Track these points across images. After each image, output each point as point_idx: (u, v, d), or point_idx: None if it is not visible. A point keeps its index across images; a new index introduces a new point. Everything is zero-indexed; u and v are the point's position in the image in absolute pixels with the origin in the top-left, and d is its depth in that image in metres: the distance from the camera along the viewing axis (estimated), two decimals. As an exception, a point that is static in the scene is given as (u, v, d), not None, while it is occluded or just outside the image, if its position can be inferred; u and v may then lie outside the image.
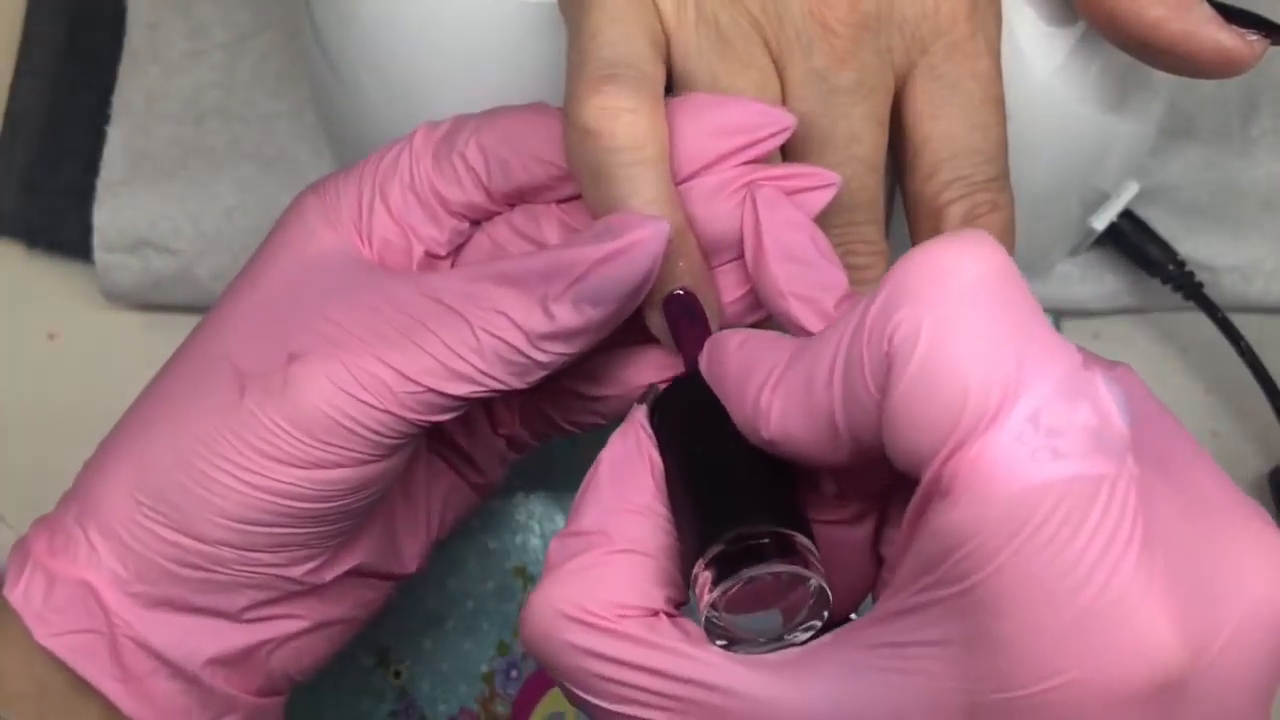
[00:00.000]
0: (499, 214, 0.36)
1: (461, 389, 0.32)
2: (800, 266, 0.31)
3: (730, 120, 0.33)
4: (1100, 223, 0.47)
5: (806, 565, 0.28)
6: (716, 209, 0.33)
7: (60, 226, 0.52)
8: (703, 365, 0.31)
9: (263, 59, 0.53)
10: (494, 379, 0.32)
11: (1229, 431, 0.50)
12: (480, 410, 0.39)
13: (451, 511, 0.40)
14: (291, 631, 0.36)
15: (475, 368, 0.32)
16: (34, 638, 0.34)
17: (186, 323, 0.52)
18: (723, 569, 0.28)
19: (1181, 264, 0.49)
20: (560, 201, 0.35)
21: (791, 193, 0.32)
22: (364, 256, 0.36)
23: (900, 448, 0.25)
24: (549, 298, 0.32)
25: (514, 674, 0.48)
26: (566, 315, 0.32)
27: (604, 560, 0.29)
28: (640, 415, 0.32)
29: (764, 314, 0.33)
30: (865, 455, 0.27)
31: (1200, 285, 0.49)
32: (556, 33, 0.39)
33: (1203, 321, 0.48)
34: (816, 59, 0.34)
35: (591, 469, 0.31)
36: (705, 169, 0.33)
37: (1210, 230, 0.50)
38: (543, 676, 0.48)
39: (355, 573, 0.36)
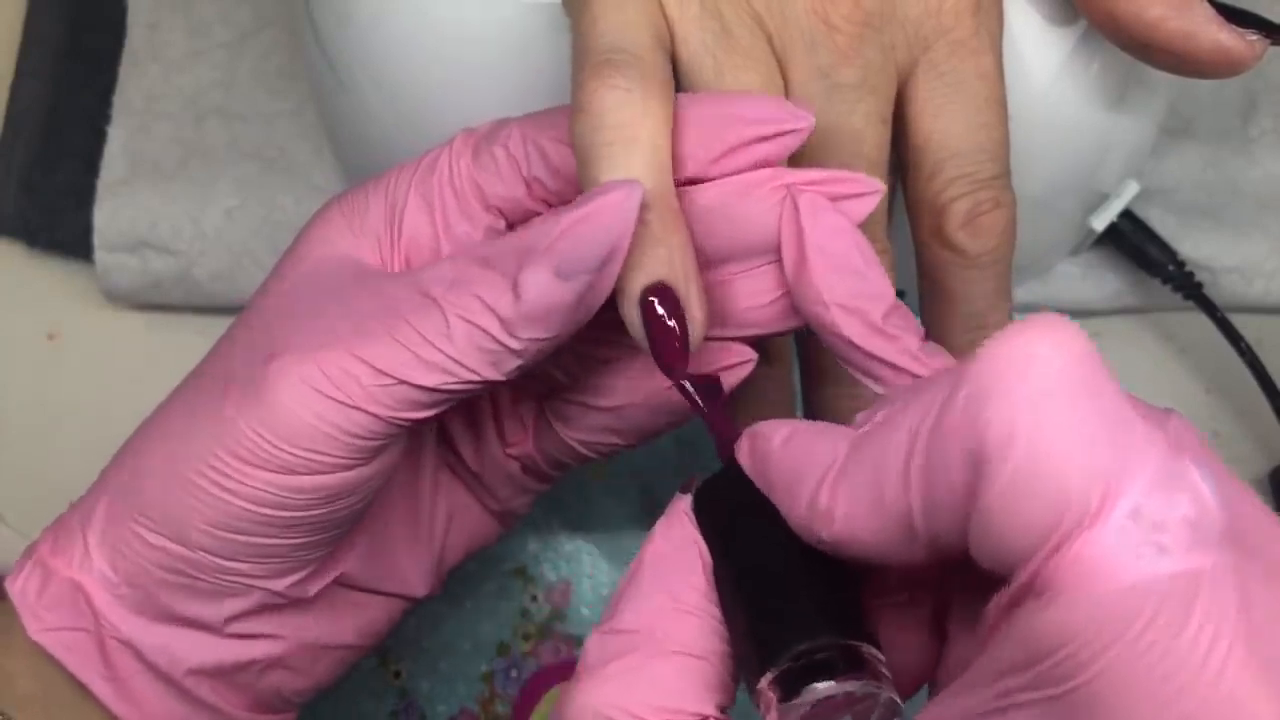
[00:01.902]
0: (537, 215, 0.35)
1: (432, 379, 0.31)
2: (845, 276, 0.30)
3: (744, 113, 0.31)
4: (1100, 223, 0.47)
5: (876, 678, 0.26)
6: (748, 210, 0.31)
7: (60, 226, 0.52)
8: (744, 461, 0.29)
9: (263, 59, 0.53)
10: (466, 368, 0.31)
11: (1229, 431, 0.50)
12: (491, 427, 0.38)
13: (461, 533, 0.39)
14: (280, 652, 0.35)
15: (447, 355, 0.31)
16: (27, 633, 0.34)
17: (186, 323, 0.53)
18: (788, 688, 0.26)
19: (1181, 264, 0.49)
20: None
21: (833, 199, 0.31)
22: (371, 264, 0.35)
23: (993, 548, 0.24)
24: (518, 275, 0.30)
25: (514, 674, 0.48)
26: (536, 292, 0.30)
27: (652, 662, 0.28)
28: (685, 506, 0.30)
29: (798, 322, 0.32)
30: (943, 554, 0.26)
31: (1200, 285, 0.49)
32: (555, 33, 0.39)
33: (1203, 321, 0.48)
34: (820, 56, 0.34)
35: (635, 561, 0.29)
36: (716, 162, 0.31)
37: (1210, 230, 0.50)
38: (543, 676, 0.48)
39: (344, 588, 0.36)
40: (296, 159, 0.51)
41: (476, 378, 0.31)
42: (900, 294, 0.37)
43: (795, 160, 0.34)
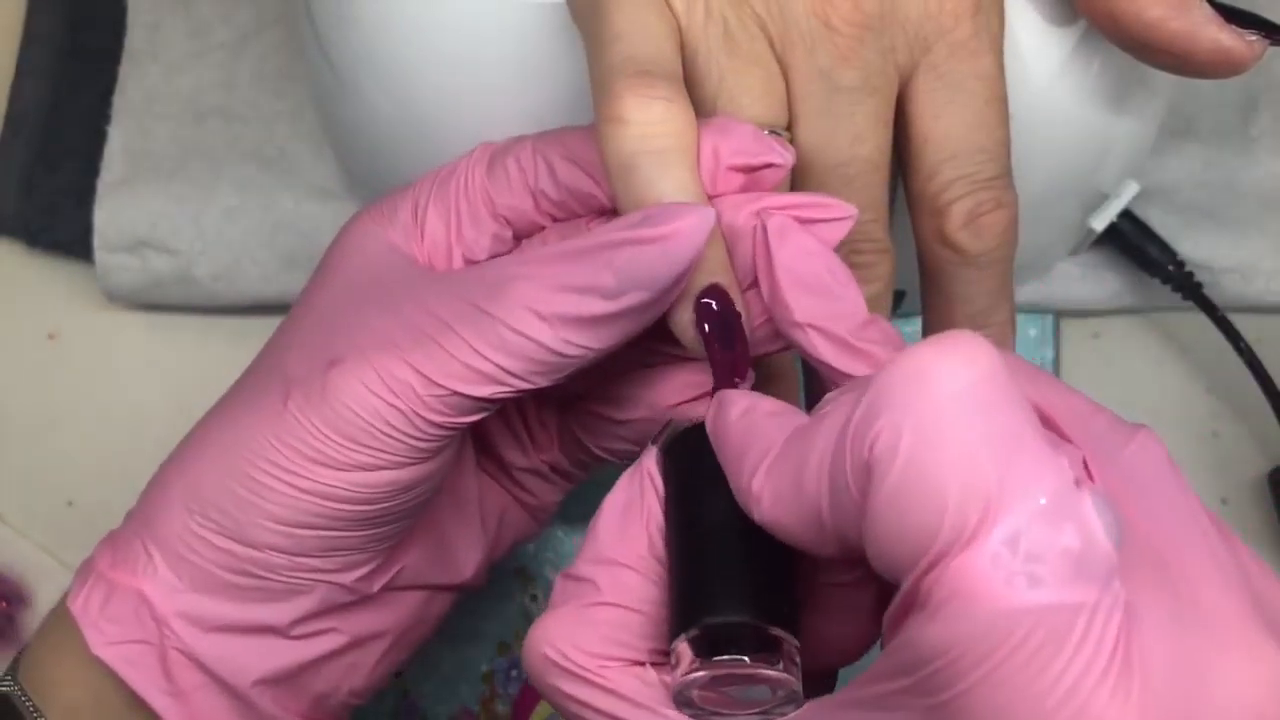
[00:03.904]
0: (543, 228, 0.36)
1: (485, 390, 0.32)
2: (814, 296, 0.30)
3: (731, 144, 0.32)
4: (1100, 223, 0.47)
5: (786, 665, 0.27)
6: (731, 235, 0.32)
7: (60, 226, 0.52)
8: (709, 426, 0.30)
9: (263, 59, 0.53)
10: (518, 377, 0.32)
11: (1229, 431, 0.50)
12: (523, 430, 0.39)
13: (509, 530, 0.40)
14: (339, 645, 0.36)
15: (499, 366, 0.32)
16: (89, 649, 0.34)
17: (186, 323, 0.53)
18: (699, 651, 0.28)
19: (1181, 264, 0.49)
20: (599, 216, 0.35)
21: (804, 223, 0.31)
22: (413, 258, 0.36)
23: (879, 555, 0.25)
24: (575, 286, 0.31)
25: (514, 674, 0.48)
26: (592, 304, 0.31)
27: (589, 611, 0.29)
28: (649, 461, 0.31)
29: (783, 344, 0.33)
30: (853, 552, 0.26)
31: (1200, 285, 0.49)
32: (556, 33, 0.39)
33: (1203, 321, 0.48)
34: (820, 58, 0.34)
35: (598, 511, 0.31)
36: (709, 193, 0.32)
37: (1210, 230, 0.50)
38: (543, 676, 0.48)
39: (404, 583, 0.37)
40: (296, 159, 0.51)
41: (528, 385, 0.32)
42: (900, 294, 0.37)
43: (797, 162, 0.34)
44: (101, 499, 0.38)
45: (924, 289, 0.37)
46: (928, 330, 0.38)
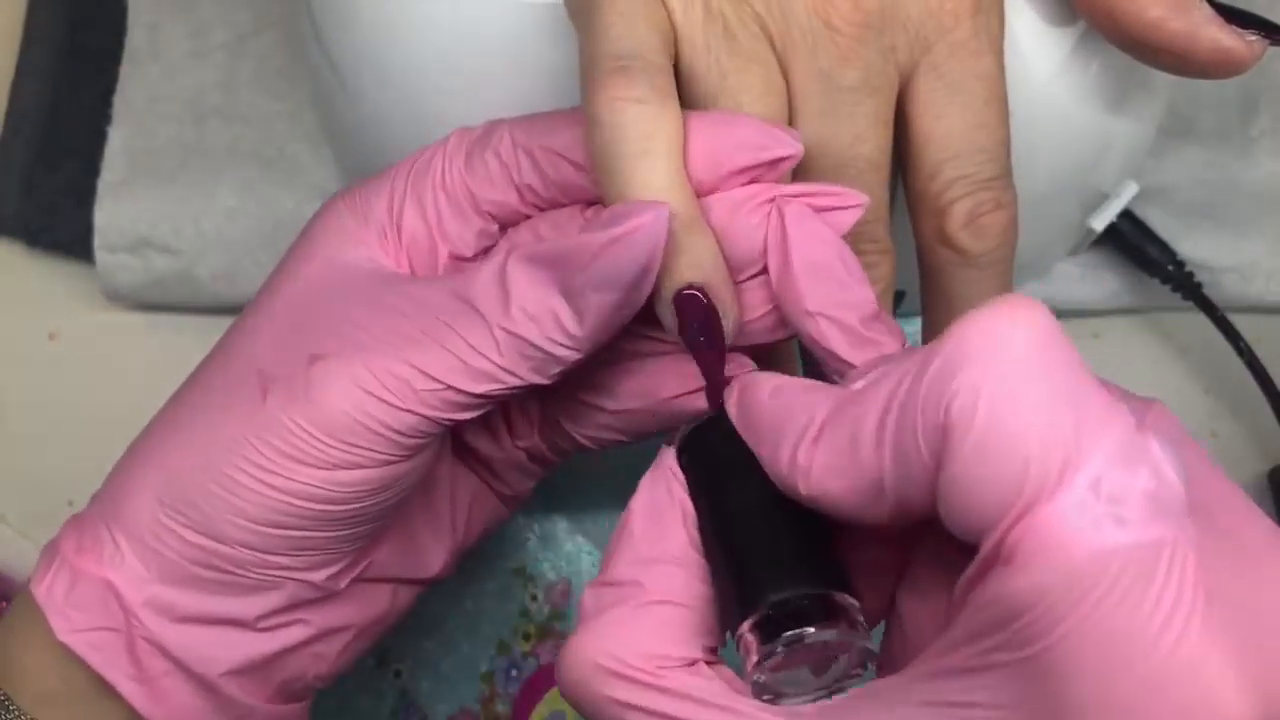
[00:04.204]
0: (527, 218, 0.36)
1: (482, 386, 0.32)
2: (828, 285, 0.31)
3: (736, 138, 0.32)
4: (1100, 223, 0.47)
5: (852, 626, 0.28)
6: (738, 224, 0.32)
7: (60, 226, 0.52)
8: (732, 412, 0.30)
9: (263, 59, 0.53)
10: (514, 375, 0.32)
11: (1229, 431, 0.51)
12: (500, 420, 0.39)
13: (478, 520, 0.40)
14: (305, 637, 0.36)
15: (496, 364, 0.32)
16: (54, 634, 0.34)
17: (186, 323, 0.53)
18: (766, 633, 0.28)
19: (1181, 264, 0.49)
20: (587, 205, 0.35)
21: (816, 210, 0.32)
22: (386, 265, 0.36)
23: (959, 515, 0.25)
24: (562, 288, 0.31)
25: (514, 674, 0.48)
26: (577, 305, 0.31)
27: (641, 612, 0.29)
28: (669, 459, 0.31)
29: (789, 333, 0.33)
30: (909, 516, 0.27)
31: (1199, 285, 0.49)
32: (556, 33, 0.39)
33: (1202, 321, 0.48)
34: (821, 58, 0.34)
35: (623, 516, 0.31)
36: (710, 187, 0.32)
37: (1209, 230, 0.50)
38: (543, 676, 0.48)
39: (372, 576, 0.36)
40: (296, 159, 0.51)
41: (522, 382, 0.32)
42: (901, 294, 0.37)
43: (799, 167, 0.34)
44: (102, 499, 0.38)
45: (924, 289, 0.37)
46: (928, 331, 0.38)
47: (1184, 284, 0.49)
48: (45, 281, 0.53)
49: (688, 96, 0.34)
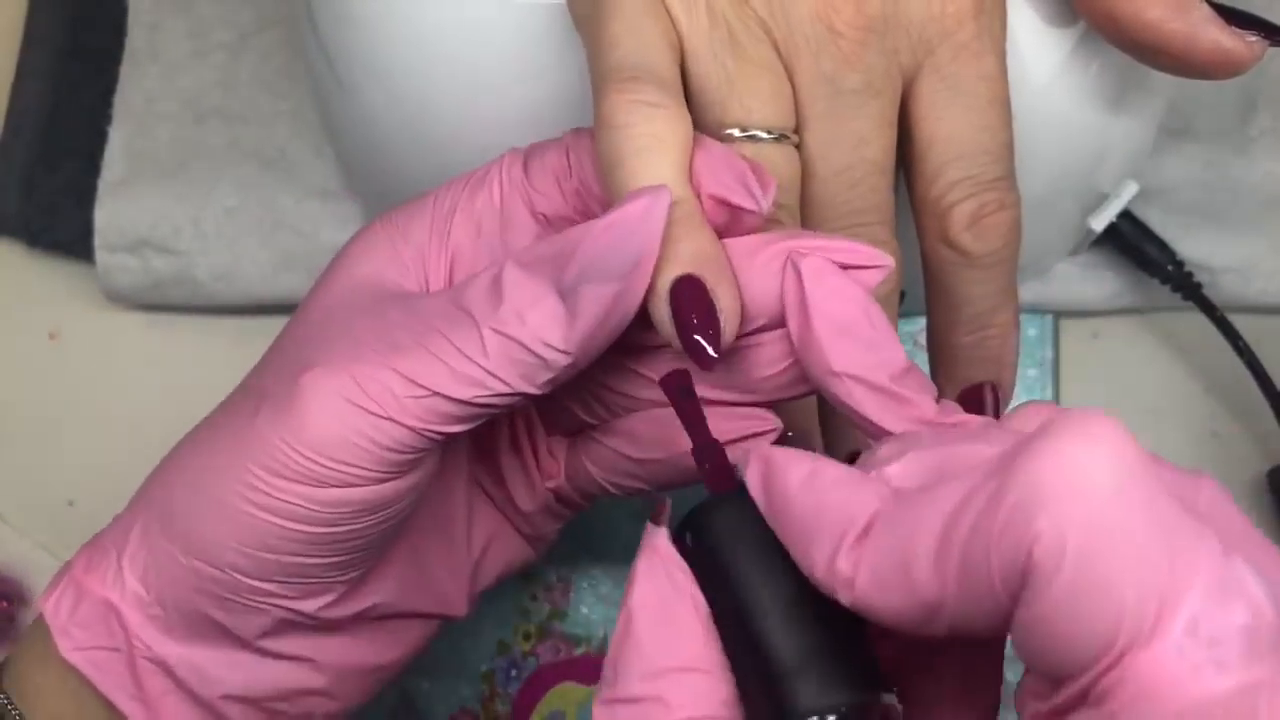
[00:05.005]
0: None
1: (466, 392, 0.31)
2: (854, 344, 0.29)
3: (707, 164, 0.31)
4: (1099, 223, 0.47)
5: None
6: (750, 274, 0.31)
7: (60, 226, 0.52)
8: (756, 494, 0.27)
9: (264, 59, 0.53)
10: (501, 380, 0.31)
11: (1228, 431, 0.50)
12: (530, 458, 0.38)
13: (498, 558, 0.39)
14: (317, 683, 0.35)
15: (481, 367, 0.31)
16: (59, 651, 0.34)
17: (186, 322, 0.53)
18: None
19: (1180, 264, 0.49)
20: None
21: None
22: (408, 286, 0.35)
23: (1044, 655, 0.24)
24: (556, 286, 0.31)
25: (514, 674, 0.48)
26: (569, 302, 0.30)
27: None
28: (662, 542, 0.28)
29: (808, 389, 0.32)
30: (962, 636, 0.25)
31: (1199, 285, 0.49)
32: (555, 34, 0.39)
33: (1202, 321, 0.48)
34: (824, 62, 0.34)
35: (622, 617, 0.27)
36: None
37: (1209, 230, 0.50)
38: (542, 676, 0.48)
39: (382, 613, 0.36)
40: (296, 159, 0.51)
41: (508, 390, 0.31)
42: (900, 295, 0.37)
43: (804, 171, 0.34)
44: (101, 499, 0.37)
45: (928, 290, 0.37)
46: (932, 331, 0.38)
47: (1184, 284, 0.49)
48: (45, 281, 0.53)
49: (696, 103, 0.34)
